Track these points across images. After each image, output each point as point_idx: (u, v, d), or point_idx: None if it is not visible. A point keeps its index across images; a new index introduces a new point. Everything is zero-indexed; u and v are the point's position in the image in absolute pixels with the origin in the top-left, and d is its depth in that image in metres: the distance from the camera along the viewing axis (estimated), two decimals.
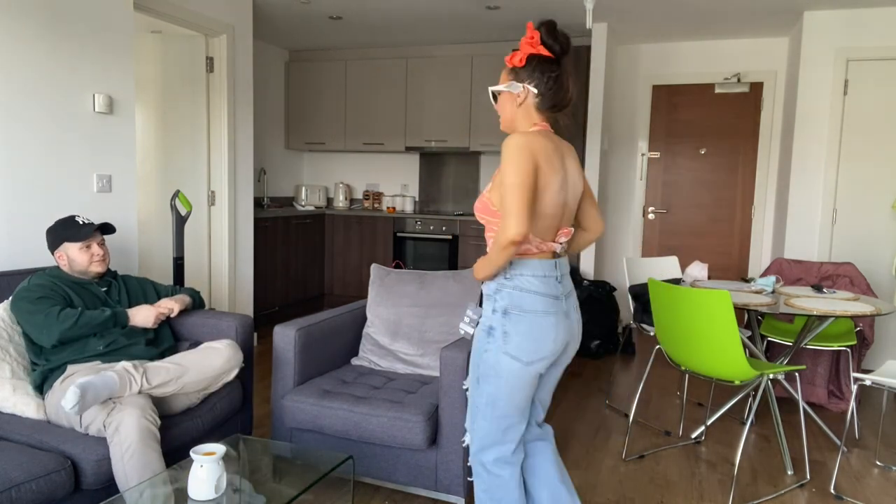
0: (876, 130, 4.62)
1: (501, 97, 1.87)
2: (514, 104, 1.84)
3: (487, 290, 1.84)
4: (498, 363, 1.79)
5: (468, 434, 1.93)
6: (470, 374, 1.90)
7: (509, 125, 1.89)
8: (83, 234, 2.49)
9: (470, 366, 1.90)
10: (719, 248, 5.64)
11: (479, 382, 1.84)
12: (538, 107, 1.83)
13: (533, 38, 1.78)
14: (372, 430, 2.43)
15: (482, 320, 1.85)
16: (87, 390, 1.97)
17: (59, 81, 3.08)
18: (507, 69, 1.85)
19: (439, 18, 5.20)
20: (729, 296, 2.51)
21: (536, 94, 1.81)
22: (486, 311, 1.84)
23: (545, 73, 1.80)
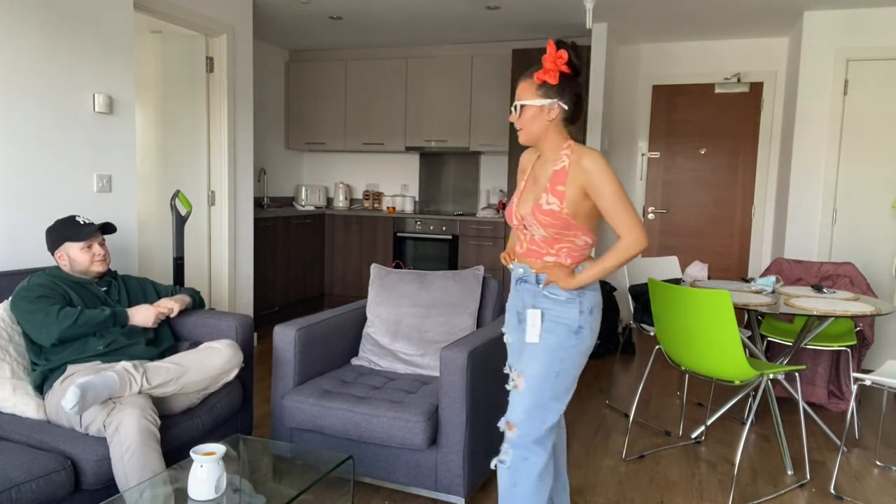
0: (876, 130, 4.62)
1: (528, 111, 1.93)
2: (545, 119, 1.93)
3: (567, 295, 1.94)
4: (582, 356, 1.98)
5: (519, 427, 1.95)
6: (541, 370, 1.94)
7: (535, 139, 1.97)
8: (84, 234, 2.49)
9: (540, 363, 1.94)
10: (719, 248, 5.64)
11: (557, 377, 1.95)
12: (565, 120, 1.95)
13: (560, 57, 1.88)
14: (372, 430, 2.43)
15: (567, 322, 1.94)
16: (87, 390, 1.97)
17: (59, 81, 3.08)
18: (536, 85, 1.92)
19: (439, 18, 5.20)
20: (729, 296, 2.51)
21: (567, 110, 1.93)
22: (569, 313, 1.94)
23: (573, 90, 1.92)
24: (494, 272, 5.67)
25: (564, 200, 1.88)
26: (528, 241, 2.01)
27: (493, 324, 2.85)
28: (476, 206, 6.25)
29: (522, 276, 2.04)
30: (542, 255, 1.98)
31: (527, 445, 1.95)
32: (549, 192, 1.91)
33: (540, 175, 1.99)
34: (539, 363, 1.95)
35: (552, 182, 1.92)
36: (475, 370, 2.43)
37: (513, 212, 2.05)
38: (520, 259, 2.05)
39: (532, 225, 1.96)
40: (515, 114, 1.96)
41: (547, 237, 1.94)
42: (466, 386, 2.38)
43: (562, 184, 1.89)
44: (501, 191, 6.10)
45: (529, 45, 5.86)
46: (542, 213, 1.91)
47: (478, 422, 2.50)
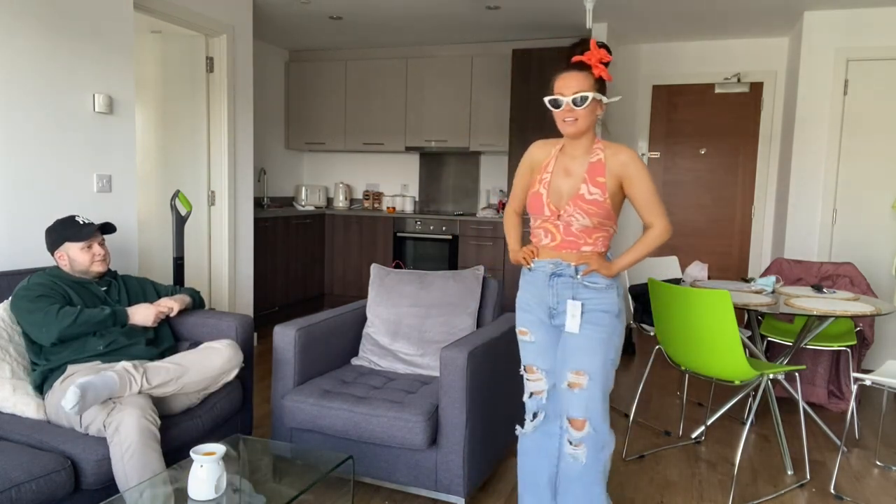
0: (876, 130, 4.62)
1: (589, 104, 1.97)
2: (595, 113, 2.00)
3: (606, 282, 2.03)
4: (622, 338, 2.08)
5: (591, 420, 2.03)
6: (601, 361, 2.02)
7: (584, 131, 2.01)
8: (84, 234, 2.49)
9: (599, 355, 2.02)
10: (719, 248, 5.64)
11: (613, 363, 2.06)
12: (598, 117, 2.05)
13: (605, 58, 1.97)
14: (372, 430, 2.43)
15: (610, 309, 2.03)
16: (88, 390, 1.97)
17: (59, 81, 3.08)
18: (594, 79, 1.97)
19: (439, 18, 5.20)
20: (729, 296, 2.51)
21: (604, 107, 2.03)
22: (610, 299, 2.03)
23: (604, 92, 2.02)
24: (494, 272, 5.67)
25: (606, 191, 1.98)
26: (563, 233, 2.02)
27: (493, 324, 2.85)
28: (476, 206, 6.25)
29: (556, 271, 2.04)
30: (579, 246, 2.02)
31: (603, 436, 2.05)
32: (588, 182, 1.98)
33: (572, 167, 2.03)
34: (599, 357, 2.02)
35: (591, 174, 1.99)
36: (475, 370, 2.43)
37: (544, 203, 2.04)
38: (548, 253, 2.06)
39: (573, 214, 1.99)
40: (576, 106, 1.96)
41: (588, 226, 2.00)
42: (466, 386, 2.38)
43: (601, 175, 1.98)
44: (501, 191, 6.10)
45: (529, 45, 5.86)
46: (586, 202, 1.98)
47: (478, 422, 2.50)
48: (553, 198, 2.04)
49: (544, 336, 2.13)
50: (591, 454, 2.04)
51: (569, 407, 2.05)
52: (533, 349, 2.15)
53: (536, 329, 2.13)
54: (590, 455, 2.04)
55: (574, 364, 2.02)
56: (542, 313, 2.12)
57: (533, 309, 2.13)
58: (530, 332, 2.14)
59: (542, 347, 2.13)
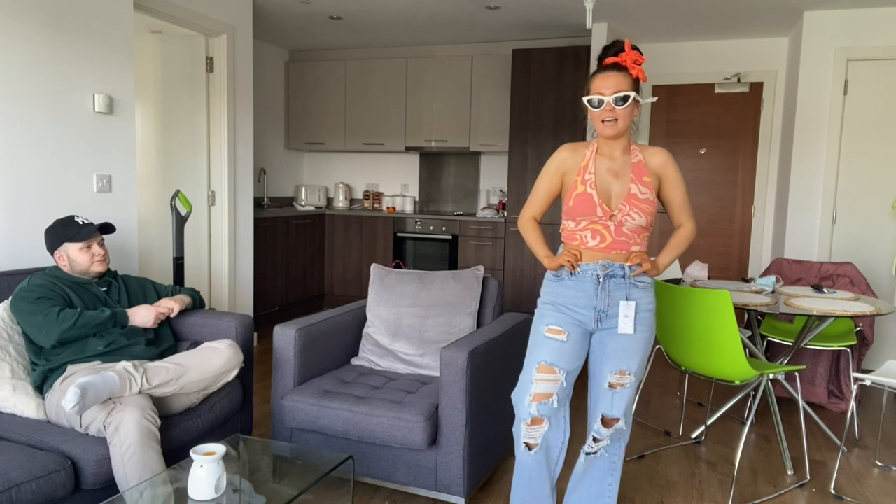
0: (876, 130, 4.62)
1: (630, 105, 1.97)
2: (634, 114, 2.01)
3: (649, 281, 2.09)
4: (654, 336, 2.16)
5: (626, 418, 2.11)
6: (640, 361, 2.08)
7: (623, 131, 2.01)
8: (84, 234, 2.49)
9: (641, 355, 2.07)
10: (719, 248, 5.64)
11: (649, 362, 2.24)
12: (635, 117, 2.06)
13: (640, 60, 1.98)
14: (372, 430, 2.43)
15: (651, 307, 2.09)
16: (88, 390, 1.97)
17: (59, 81, 3.08)
18: (632, 80, 1.97)
19: (439, 18, 5.20)
20: (729, 296, 2.51)
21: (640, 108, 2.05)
22: (651, 297, 2.09)
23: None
24: (494, 272, 5.67)
25: (652, 189, 2.03)
26: (615, 234, 2.02)
27: (493, 324, 2.85)
28: (476, 206, 6.25)
29: (609, 272, 2.02)
30: (629, 246, 2.04)
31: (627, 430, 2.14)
32: (637, 182, 2.00)
33: (616, 168, 2.03)
34: (641, 355, 2.08)
35: (637, 174, 2.01)
36: (475, 370, 2.43)
37: (596, 204, 2.00)
38: (595, 255, 2.03)
39: (629, 214, 2.00)
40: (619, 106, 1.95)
41: (641, 226, 2.03)
42: (466, 386, 2.38)
43: (646, 175, 2.01)
44: (501, 191, 6.10)
45: (529, 45, 5.86)
46: (639, 202, 2.00)
47: (478, 422, 2.50)
48: (604, 198, 2.01)
49: (577, 338, 2.08)
50: (611, 447, 2.15)
51: (607, 406, 2.08)
52: (561, 349, 2.05)
53: (571, 330, 2.06)
54: (610, 447, 2.15)
55: (618, 364, 2.04)
56: (585, 316, 2.06)
57: (575, 311, 2.06)
58: (565, 332, 2.06)
59: (572, 349, 2.06)
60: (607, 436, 2.10)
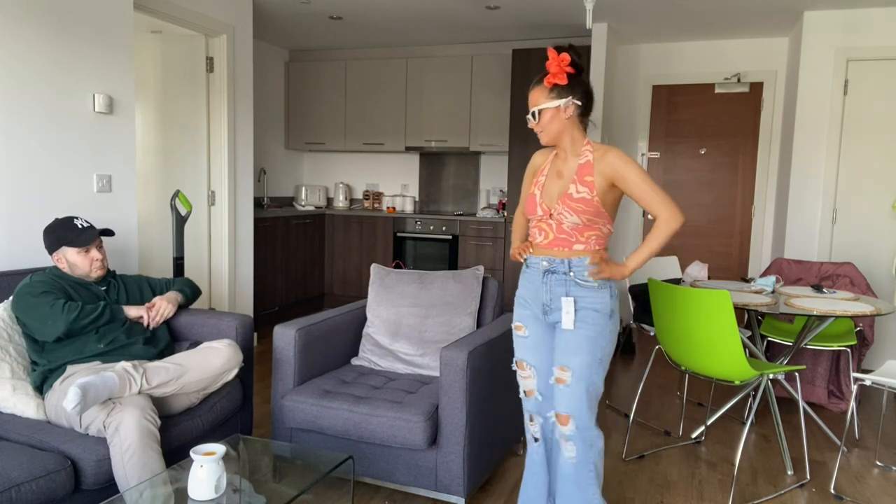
0: (876, 130, 4.62)
1: (545, 114, 2.07)
2: (562, 118, 2.06)
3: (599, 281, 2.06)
4: (615, 338, 2.12)
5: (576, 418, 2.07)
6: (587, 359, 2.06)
7: (555, 137, 2.10)
8: (83, 239, 2.48)
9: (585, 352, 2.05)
10: (719, 248, 5.64)
11: (601, 363, 2.08)
12: (581, 115, 2.09)
13: (564, 60, 2.03)
14: (372, 430, 2.43)
15: (602, 308, 2.06)
16: (88, 390, 1.97)
17: (59, 81, 3.08)
18: (548, 89, 2.06)
19: (439, 18, 5.20)
20: (729, 296, 2.51)
21: (579, 105, 2.07)
22: (602, 298, 2.06)
23: (582, 86, 2.08)
24: (494, 272, 5.67)
25: (594, 189, 2.03)
26: (556, 231, 2.09)
27: (493, 324, 2.85)
28: (476, 206, 6.25)
29: (549, 268, 2.10)
30: (571, 244, 2.08)
31: (588, 435, 2.08)
32: (577, 182, 2.05)
33: (563, 170, 2.12)
34: (585, 354, 2.06)
35: (579, 174, 2.06)
36: (475, 370, 2.43)
37: (537, 203, 2.13)
38: (541, 251, 2.13)
39: (562, 213, 2.06)
40: (534, 120, 2.09)
41: (578, 225, 2.05)
42: (466, 386, 2.38)
43: (590, 175, 2.04)
44: (501, 191, 6.10)
45: (529, 45, 5.86)
46: (573, 201, 2.04)
47: (478, 422, 2.50)
48: (545, 198, 2.12)
49: (538, 332, 2.18)
50: (580, 452, 2.09)
51: (555, 402, 2.11)
52: (525, 344, 2.21)
53: (531, 325, 2.19)
54: (579, 452, 2.09)
55: (560, 360, 2.09)
56: (537, 309, 2.17)
57: (529, 305, 2.19)
58: (525, 328, 2.21)
59: (534, 343, 2.19)
60: (567, 436, 2.08)
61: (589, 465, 2.10)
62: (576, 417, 2.07)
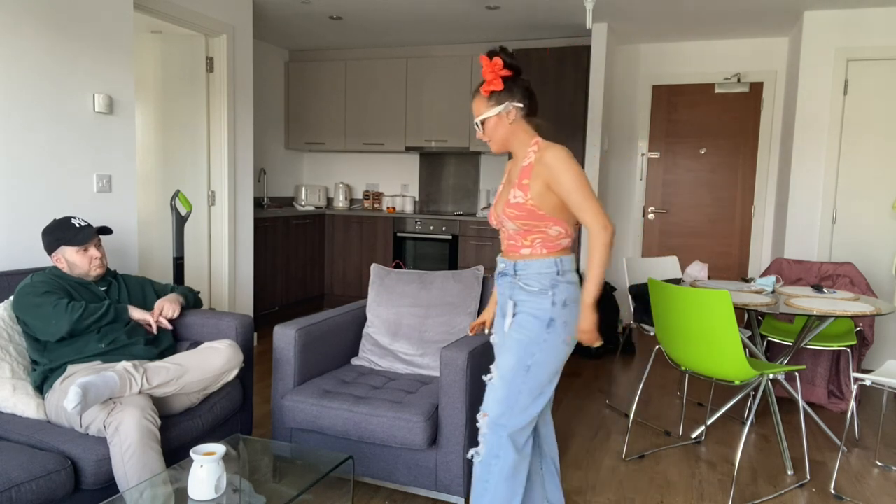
0: (876, 130, 4.62)
1: (488, 123, 2.05)
2: (505, 123, 2.03)
3: (539, 286, 2.00)
4: (557, 351, 2.01)
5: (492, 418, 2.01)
6: (513, 362, 2.00)
7: (503, 144, 2.07)
8: (80, 238, 2.48)
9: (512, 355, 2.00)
10: (719, 248, 5.64)
11: (528, 371, 1.99)
12: (525, 116, 2.05)
13: (496, 64, 2.00)
14: (372, 430, 2.43)
15: (539, 314, 1.99)
16: (89, 390, 1.97)
17: (59, 81, 3.08)
18: (485, 98, 2.04)
19: (439, 18, 5.20)
20: (729, 296, 2.51)
21: (522, 107, 2.03)
22: (541, 304, 1.99)
23: (520, 87, 2.03)
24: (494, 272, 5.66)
25: (529, 192, 1.98)
26: (507, 237, 2.09)
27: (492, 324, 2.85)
28: (476, 206, 6.25)
29: (503, 270, 2.10)
30: (518, 248, 2.06)
31: (499, 441, 2.01)
32: (516, 186, 2.02)
33: (513, 174, 2.10)
34: (512, 356, 2.01)
35: (520, 178, 2.03)
36: (475, 370, 2.43)
37: (491, 214, 2.15)
38: (503, 256, 2.14)
39: (503, 220, 2.06)
40: (480, 131, 2.08)
41: (518, 230, 2.03)
42: (466, 386, 2.38)
43: (527, 178, 2.00)
44: None
45: (529, 45, 5.86)
46: (509, 206, 2.02)
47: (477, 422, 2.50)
48: (497, 207, 2.13)
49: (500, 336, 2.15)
50: (485, 456, 2.02)
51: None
52: (496, 350, 2.19)
53: (498, 331, 2.19)
54: (484, 456, 2.02)
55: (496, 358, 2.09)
56: (499, 314, 2.18)
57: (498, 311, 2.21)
58: (495, 334, 2.21)
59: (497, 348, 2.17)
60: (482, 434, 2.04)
61: (485, 477, 2.01)
62: (490, 418, 2.01)
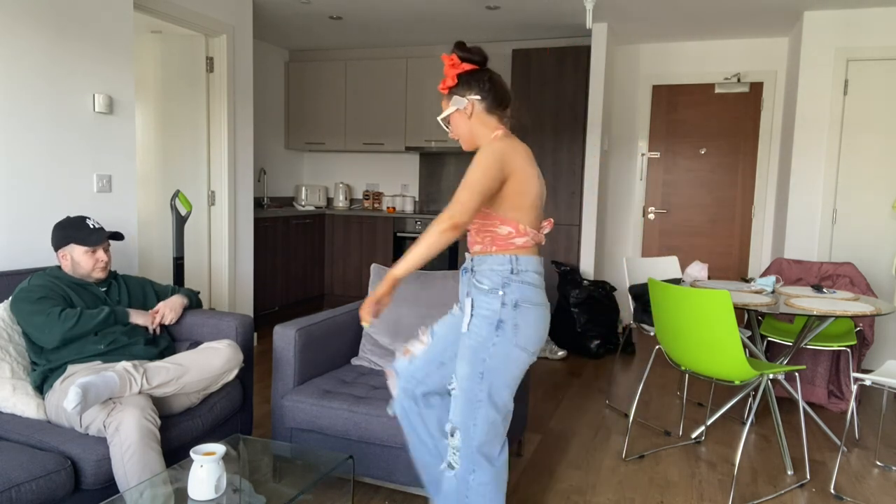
0: (876, 130, 4.62)
1: (453, 120, 2.03)
2: (466, 119, 1.99)
3: (490, 285, 1.91)
4: (508, 356, 1.90)
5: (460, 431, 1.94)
6: (467, 370, 1.92)
7: (471, 141, 2.03)
8: (93, 239, 2.49)
9: (466, 362, 1.92)
10: (719, 248, 5.64)
11: (483, 378, 1.90)
12: (487, 110, 1.99)
13: (453, 60, 1.98)
14: (372, 430, 2.43)
15: (488, 315, 1.90)
16: (89, 390, 1.97)
17: (59, 81, 3.08)
18: (445, 96, 2.01)
19: (439, 18, 5.20)
20: (729, 296, 2.51)
21: (481, 100, 1.98)
22: (490, 304, 1.90)
23: (478, 80, 1.98)
24: None
25: None
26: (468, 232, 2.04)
27: None
28: None
29: (465, 266, 2.03)
30: (475, 244, 1.99)
31: (471, 455, 1.93)
32: None
33: None
34: (466, 364, 1.92)
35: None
36: None
37: None
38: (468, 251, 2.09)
39: None
40: (448, 129, 2.04)
41: (472, 227, 1.98)
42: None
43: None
44: None
45: (529, 45, 5.86)
46: None
47: None
48: None
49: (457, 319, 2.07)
50: (461, 472, 1.95)
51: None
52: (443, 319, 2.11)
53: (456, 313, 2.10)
54: (460, 472, 1.95)
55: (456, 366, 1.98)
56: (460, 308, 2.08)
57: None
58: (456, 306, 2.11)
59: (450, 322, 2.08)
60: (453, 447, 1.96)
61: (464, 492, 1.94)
62: (459, 431, 1.93)
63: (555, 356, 4.80)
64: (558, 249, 5.39)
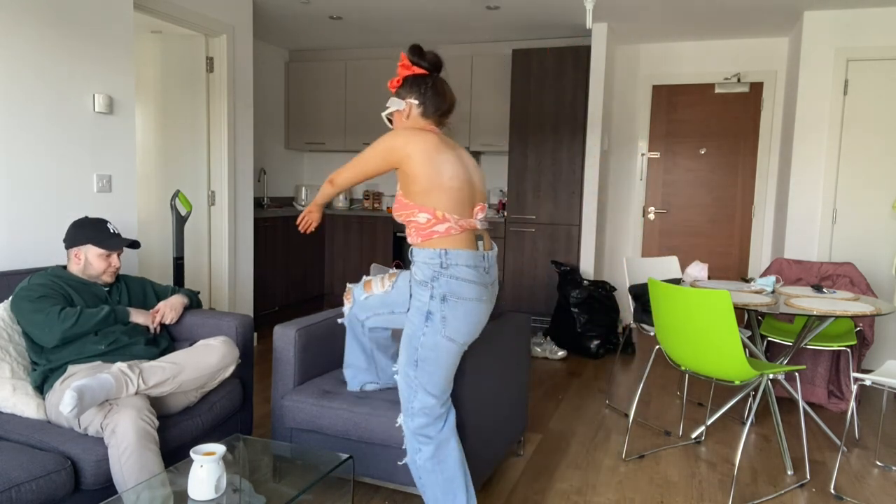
0: (876, 130, 4.62)
1: (395, 118, 2.13)
2: (404, 120, 2.11)
3: (422, 277, 2.02)
4: (437, 346, 2.03)
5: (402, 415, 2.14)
6: (404, 357, 2.08)
7: None
8: (110, 244, 2.50)
9: (404, 349, 2.08)
10: (719, 248, 5.64)
11: (417, 366, 2.05)
12: (423, 115, 2.10)
13: (404, 61, 2.07)
14: (372, 430, 2.43)
15: (420, 305, 2.02)
16: (84, 393, 1.96)
17: (59, 81, 3.08)
18: (392, 94, 2.12)
19: (439, 18, 5.20)
20: (729, 296, 2.51)
21: (418, 105, 2.09)
22: (421, 297, 2.02)
23: (420, 86, 2.08)
24: None
25: (399, 184, 2.06)
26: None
27: (492, 324, 2.84)
28: None
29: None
30: (408, 236, 2.11)
31: (413, 438, 2.10)
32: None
33: None
34: (403, 350, 2.08)
35: None
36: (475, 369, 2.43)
37: None
38: None
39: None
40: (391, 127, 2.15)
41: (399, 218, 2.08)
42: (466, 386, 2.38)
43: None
44: (501, 191, 6.10)
45: (529, 45, 5.86)
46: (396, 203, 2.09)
47: (477, 422, 2.49)
48: None
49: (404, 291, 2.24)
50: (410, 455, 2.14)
51: None
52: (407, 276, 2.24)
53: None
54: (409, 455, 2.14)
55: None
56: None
57: None
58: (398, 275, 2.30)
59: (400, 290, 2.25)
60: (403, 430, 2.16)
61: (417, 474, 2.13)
62: (404, 416, 2.12)
63: (555, 356, 4.80)
64: (558, 249, 5.39)
